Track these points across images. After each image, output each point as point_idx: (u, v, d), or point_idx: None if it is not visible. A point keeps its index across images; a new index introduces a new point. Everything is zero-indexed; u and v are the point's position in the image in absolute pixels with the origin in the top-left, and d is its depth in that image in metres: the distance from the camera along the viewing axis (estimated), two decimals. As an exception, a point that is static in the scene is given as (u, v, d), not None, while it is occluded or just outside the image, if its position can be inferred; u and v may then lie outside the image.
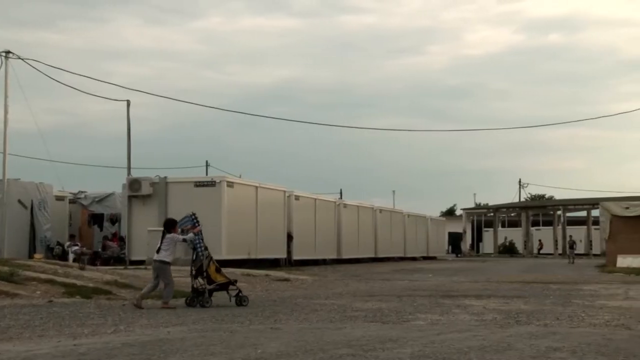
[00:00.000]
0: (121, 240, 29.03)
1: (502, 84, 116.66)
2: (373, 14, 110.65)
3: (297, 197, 32.25)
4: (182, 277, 19.43)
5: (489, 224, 70.10)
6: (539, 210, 71.58)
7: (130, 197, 27.14)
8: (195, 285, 13.42)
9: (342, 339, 8.75)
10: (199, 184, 26.97)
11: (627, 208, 32.74)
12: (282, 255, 30.53)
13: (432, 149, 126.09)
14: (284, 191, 31.08)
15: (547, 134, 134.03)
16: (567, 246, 46.87)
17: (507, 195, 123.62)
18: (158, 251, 13.32)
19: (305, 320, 11.16)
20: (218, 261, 22.99)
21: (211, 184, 26.88)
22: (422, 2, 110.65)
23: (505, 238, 66.96)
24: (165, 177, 27.54)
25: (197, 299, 13.28)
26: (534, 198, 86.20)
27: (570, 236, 49.76)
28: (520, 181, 78.07)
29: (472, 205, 76.64)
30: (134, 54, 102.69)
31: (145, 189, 26.82)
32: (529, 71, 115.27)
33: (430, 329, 9.89)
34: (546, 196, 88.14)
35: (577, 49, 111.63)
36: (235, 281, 13.94)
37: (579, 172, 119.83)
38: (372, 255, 40.70)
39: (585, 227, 63.47)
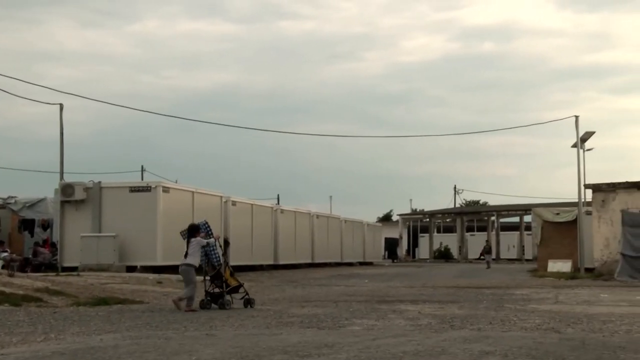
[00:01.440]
0: (53, 246, 28.40)
1: (437, 91, 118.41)
2: (311, 20, 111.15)
3: (234, 203, 32.06)
4: (116, 284, 19.14)
5: (425, 229, 70.90)
6: (474, 216, 72.78)
7: (62, 203, 26.59)
8: (209, 290, 14.03)
9: (278, 345, 8.72)
10: (134, 189, 26.60)
11: (558, 214, 33.52)
12: (219, 261, 30.25)
13: (368, 154, 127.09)
14: (221, 197, 30.87)
15: (482, 141, 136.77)
16: (484, 251, 47.01)
17: (442, 201, 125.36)
18: (185, 256, 13.78)
19: (241, 326, 11.09)
20: (152, 267, 22.86)
21: (146, 189, 26.54)
22: (358, 9, 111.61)
23: (441, 243, 67.79)
24: (100, 182, 27.07)
25: (210, 302, 13.90)
26: (469, 204, 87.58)
27: (487, 241, 50.40)
28: (455, 187, 79.29)
29: (409, 211, 77.41)
30: (68, 56, 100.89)
31: (79, 194, 26.32)
32: (464, 78, 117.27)
33: (366, 334, 9.93)
34: (481, 202, 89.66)
35: (510, 57, 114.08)
36: (243, 284, 14.43)
37: (512, 178, 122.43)
38: (309, 261, 40.72)
39: (518, 232, 64.74)
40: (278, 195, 73.10)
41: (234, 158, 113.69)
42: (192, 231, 13.98)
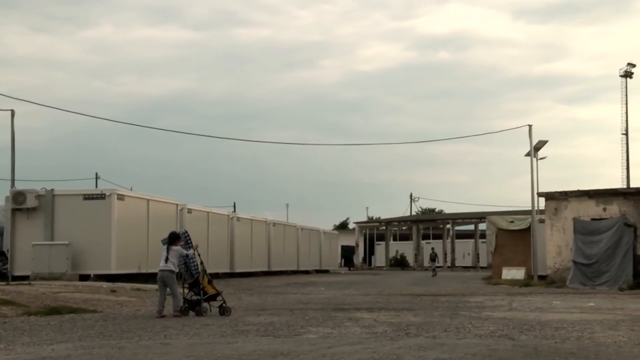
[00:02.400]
0: (3, 255, 27.85)
1: (394, 99, 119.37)
2: (267, 27, 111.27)
3: (189, 211, 31.85)
4: (68, 293, 18.84)
5: (381, 237, 71.21)
6: (429, 224, 73.32)
7: (14, 210, 26.13)
8: (187, 297, 14.33)
9: (233, 354, 8.66)
10: (88, 197, 26.28)
11: (512, 222, 33.92)
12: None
13: (325, 162, 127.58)
14: (177, 204, 30.66)
15: (438, 149, 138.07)
16: (429, 259, 46.39)
17: (399, 208, 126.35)
18: (166, 261, 14.18)
19: (196, 335, 11.00)
20: (106, 275, 22.65)
21: (101, 196, 26.23)
22: (315, 17, 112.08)
23: (397, 251, 68.13)
24: (52, 190, 26.66)
25: (188, 308, 14.21)
26: (425, 212, 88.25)
27: (433, 249, 50.69)
28: (411, 195, 79.79)
29: (365, 219, 77.70)
30: (20, 62, 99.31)
31: (31, 202, 25.91)
32: (420, 87, 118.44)
33: (321, 343, 9.92)
34: (436, 210, 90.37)
35: (465, 66, 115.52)
36: (221, 292, 14.70)
37: (468, 186, 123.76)
38: (266, 269, 40.60)
39: (473, 240, 65.36)
40: (234, 203, 72.94)
41: (190, 165, 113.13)
42: (173, 239, 14.34)
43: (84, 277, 24.63)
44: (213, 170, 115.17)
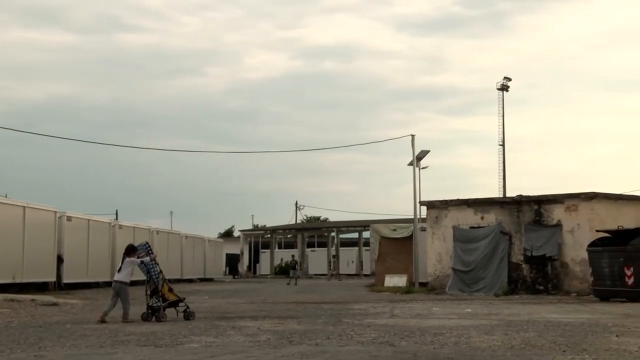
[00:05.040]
0: None
1: (281, 108, 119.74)
2: (152, 33, 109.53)
3: (69, 218, 30.88)
4: None
5: (266, 245, 71.14)
6: (314, 232, 73.81)
7: None
8: (149, 303, 15.08)
9: (112, 366, 8.42)
10: (-42, 203, 25.07)
11: (395, 230, 34.60)
12: (51, 278, 29.05)
13: (211, 170, 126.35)
14: (55, 212, 29.66)
15: (325, 158, 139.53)
16: (290, 267, 45.69)
17: (284, 216, 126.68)
18: (119, 270, 15.12)
19: (74, 346, 10.63)
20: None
21: (-28, 203, 25.07)
22: (202, 24, 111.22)
23: (282, 259, 68.19)
24: None
25: (151, 314, 14.95)
26: (310, 220, 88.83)
27: (293, 256, 50.78)
28: (297, 203, 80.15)
29: (250, 227, 77.44)
30: None
31: None
32: (306, 96, 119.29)
33: (204, 352, 9.79)
34: (321, 218, 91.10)
35: (350, 77, 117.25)
36: (184, 298, 15.55)
37: (352, 194, 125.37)
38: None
39: (357, 248, 66.27)
40: (117, 210, 71.30)
41: (72, 172, 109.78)
42: (128, 251, 15.18)
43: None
44: (96, 178, 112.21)
